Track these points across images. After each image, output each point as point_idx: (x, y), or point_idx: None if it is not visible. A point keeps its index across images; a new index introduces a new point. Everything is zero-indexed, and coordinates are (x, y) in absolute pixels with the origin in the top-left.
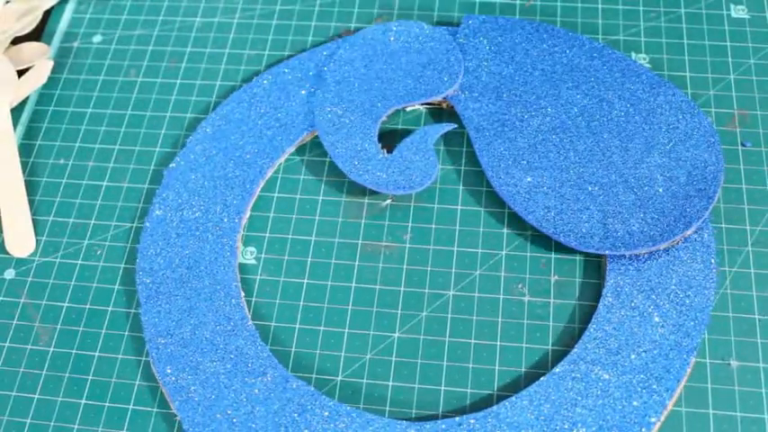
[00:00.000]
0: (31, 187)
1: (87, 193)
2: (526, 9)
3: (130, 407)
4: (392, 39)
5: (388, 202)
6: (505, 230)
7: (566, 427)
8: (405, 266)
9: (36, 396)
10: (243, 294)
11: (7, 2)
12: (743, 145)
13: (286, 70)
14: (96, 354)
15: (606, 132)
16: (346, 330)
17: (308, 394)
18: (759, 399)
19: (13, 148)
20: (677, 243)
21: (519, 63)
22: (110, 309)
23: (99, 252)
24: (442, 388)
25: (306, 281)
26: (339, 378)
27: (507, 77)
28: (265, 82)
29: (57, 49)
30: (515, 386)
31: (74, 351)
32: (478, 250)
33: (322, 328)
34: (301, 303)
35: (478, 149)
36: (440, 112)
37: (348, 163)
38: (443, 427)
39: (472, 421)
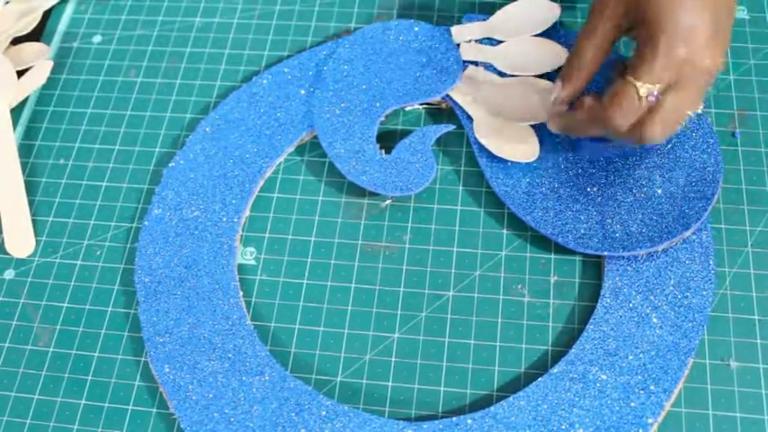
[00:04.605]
0: (30, 187)
1: (87, 194)
2: None
3: (130, 407)
4: (391, 38)
5: (388, 202)
6: (505, 231)
7: (563, 427)
8: (404, 267)
9: (36, 396)
10: (241, 294)
11: (7, 2)
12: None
13: (285, 70)
14: (96, 354)
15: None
16: (346, 331)
17: (306, 393)
18: (759, 399)
19: (12, 148)
20: (676, 244)
21: None
22: (109, 309)
23: (98, 252)
24: (442, 388)
25: (305, 281)
26: (339, 378)
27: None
28: (265, 81)
29: (56, 50)
30: (515, 386)
31: (73, 351)
32: (478, 251)
33: (322, 328)
34: (301, 304)
35: (477, 150)
36: (439, 113)
37: (346, 163)
38: (441, 426)
39: (469, 421)
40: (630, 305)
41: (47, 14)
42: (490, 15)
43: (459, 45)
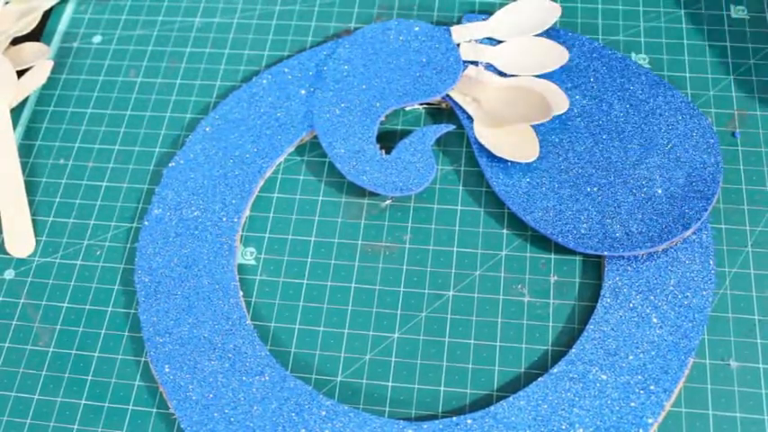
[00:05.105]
0: (30, 187)
1: (87, 194)
2: None
3: (130, 407)
4: (391, 38)
5: (388, 202)
6: (505, 231)
7: (563, 427)
8: (404, 267)
9: (36, 396)
10: (241, 294)
11: (7, 2)
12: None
13: (285, 70)
14: (96, 354)
15: (605, 133)
16: (346, 331)
17: (306, 393)
18: (759, 399)
19: (12, 148)
20: (676, 244)
21: None
22: (109, 309)
23: (98, 252)
24: (442, 388)
25: (305, 281)
26: (339, 378)
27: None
28: (265, 81)
29: (56, 50)
30: (515, 386)
31: (73, 351)
32: (478, 251)
33: (322, 328)
34: (301, 304)
35: (477, 150)
36: (439, 113)
37: (346, 164)
38: (441, 426)
39: (469, 421)
40: (630, 305)
41: (47, 14)
42: (490, 15)
43: (459, 45)
